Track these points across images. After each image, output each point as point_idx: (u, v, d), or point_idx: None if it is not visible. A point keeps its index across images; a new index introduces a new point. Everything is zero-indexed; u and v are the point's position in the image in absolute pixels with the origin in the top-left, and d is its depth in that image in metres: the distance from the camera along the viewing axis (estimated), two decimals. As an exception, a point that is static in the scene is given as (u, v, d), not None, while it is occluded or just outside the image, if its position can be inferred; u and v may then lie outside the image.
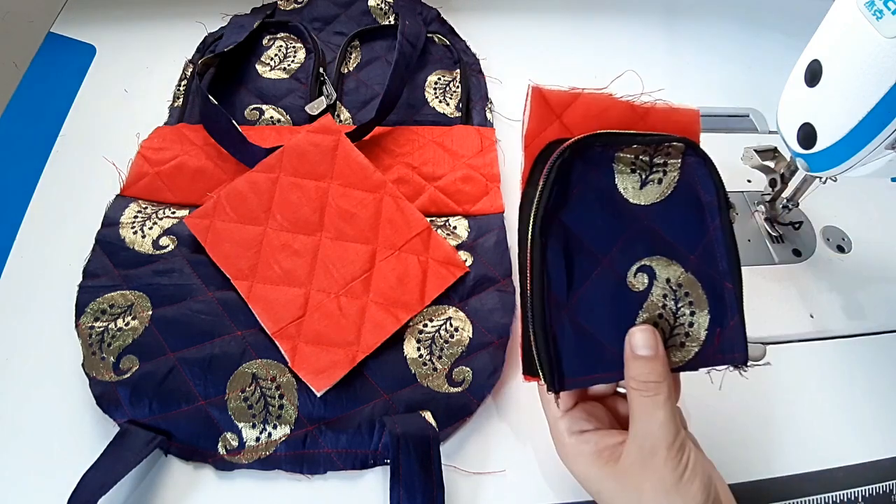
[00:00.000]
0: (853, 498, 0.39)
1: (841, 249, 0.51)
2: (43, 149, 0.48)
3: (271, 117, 0.52)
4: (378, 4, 0.60)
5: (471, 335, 0.41)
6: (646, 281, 0.34)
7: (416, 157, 0.50)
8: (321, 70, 0.55)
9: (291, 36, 0.58)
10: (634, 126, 0.35)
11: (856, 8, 0.34)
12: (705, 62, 0.64)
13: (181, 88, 0.53)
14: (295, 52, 0.57)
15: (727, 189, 0.37)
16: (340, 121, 0.53)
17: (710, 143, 0.55)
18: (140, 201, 0.45)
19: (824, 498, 0.38)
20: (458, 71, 0.57)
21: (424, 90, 0.56)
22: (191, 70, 0.54)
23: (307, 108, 0.52)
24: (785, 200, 0.48)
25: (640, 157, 0.34)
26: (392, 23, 0.60)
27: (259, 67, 0.55)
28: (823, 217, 0.52)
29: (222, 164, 0.47)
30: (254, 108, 0.52)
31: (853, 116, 0.35)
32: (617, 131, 0.34)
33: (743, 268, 0.43)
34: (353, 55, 0.58)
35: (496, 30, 0.63)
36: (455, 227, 0.47)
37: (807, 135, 0.39)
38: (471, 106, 0.55)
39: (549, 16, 0.66)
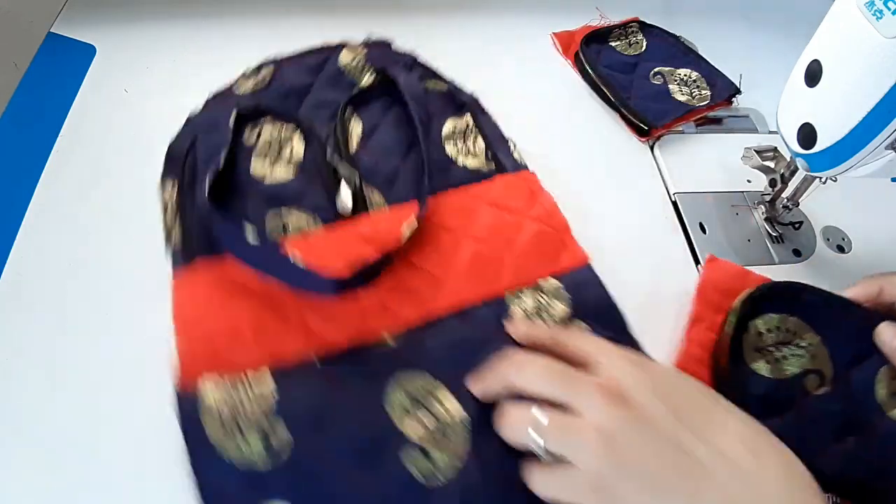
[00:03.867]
0: (854, 498, 0.38)
1: (841, 249, 0.51)
2: (43, 149, 0.48)
3: (299, 227, 0.43)
4: (352, 62, 0.54)
5: None
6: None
7: (476, 227, 0.44)
8: (327, 153, 0.47)
9: (276, 122, 0.49)
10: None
11: (856, 8, 0.34)
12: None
13: (173, 218, 0.43)
14: (289, 139, 0.48)
15: (728, 189, 0.37)
16: (372, 204, 0.45)
17: (710, 143, 0.56)
18: (214, 382, 0.35)
19: (825, 498, 0.38)
20: (468, 115, 0.52)
21: (444, 146, 0.49)
22: (173, 191, 0.44)
23: (338, 204, 0.44)
24: (785, 200, 0.48)
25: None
26: (373, 80, 0.53)
27: (256, 168, 0.46)
28: (823, 217, 0.52)
29: (278, 302, 0.39)
30: (274, 216, 0.43)
31: (853, 116, 0.35)
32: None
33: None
34: (353, 127, 0.50)
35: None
36: (551, 296, 0.42)
37: (807, 135, 0.39)
38: (496, 150, 0.50)
39: (550, 15, 0.66)
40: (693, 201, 0.52)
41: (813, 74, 0.37)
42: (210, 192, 0.42)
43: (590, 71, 0.59)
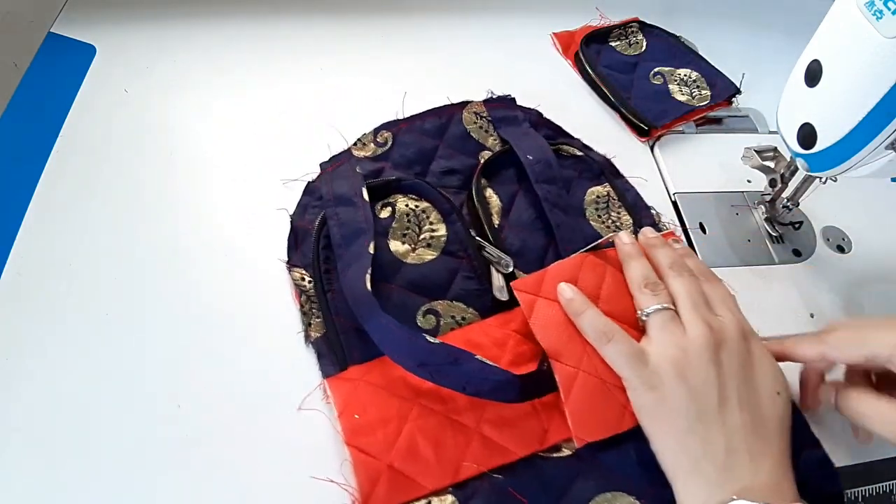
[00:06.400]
0: (853, 498, 0.38)
1: (841, 249, 0.51)
2: (43, 149, 0.48)
3: (452, 317, 0.41)
4: (476, 123, 0.52)
5: None
6: None
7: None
8: (471, 232, 0.44)
9: (410, 196, 0.46)
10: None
11: (856, 8, 0.34)
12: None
13: (311, 309, 0.40)
14: (427, 217, 0.45)
15: (728, 189, 0.37)
16: None
17: (710, 143, 0.56)
18: None
19: (824, 498, 0.38)
20: (607, 184, 0.50)
21: (589, 221, 0.48)
22: (305, 274, 0.42)
23: (496, 293, 0.41)
24: (785, 200, 0.48)
25: None
26: (500, 144, 0.51)
27: (395, 247, 0.43)
28: (823, 217, 0.52)
29: (450, 405, 0.36)
30: (428, 313, 0.41)
31: (853, 116, 0.35)
32: None
33: (743, 268, 0.48)
34: (491, 198, 0.47)
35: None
36: None
37: (807, 135, 0.39)
38: (643, 225, 0.46)
39: (550, 15, 0.66)
40: (693, 201, 0.52)
41: (813, 74, 0.37)
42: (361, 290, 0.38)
43: (590, 71, 0.59)
